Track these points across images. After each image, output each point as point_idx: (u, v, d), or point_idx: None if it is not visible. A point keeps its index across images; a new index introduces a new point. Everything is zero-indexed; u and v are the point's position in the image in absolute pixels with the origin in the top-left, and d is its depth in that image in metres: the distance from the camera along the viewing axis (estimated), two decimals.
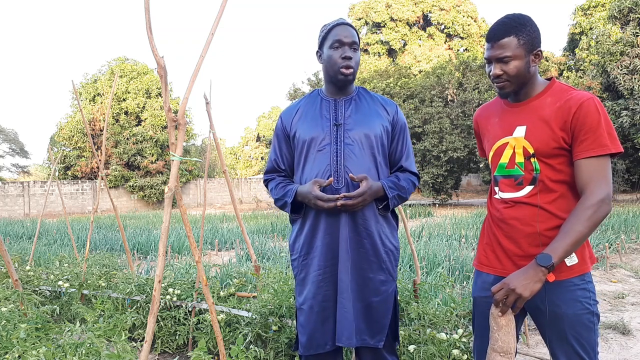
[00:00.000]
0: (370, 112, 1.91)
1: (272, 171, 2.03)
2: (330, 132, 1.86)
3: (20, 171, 36.82)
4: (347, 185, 1.83)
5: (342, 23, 1.85)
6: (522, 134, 1.55)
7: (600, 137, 1.44)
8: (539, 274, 1.38)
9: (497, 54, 1.52)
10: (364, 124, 1.87)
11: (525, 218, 1.55)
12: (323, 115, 1.90)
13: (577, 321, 1.49)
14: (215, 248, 8.91)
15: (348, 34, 1.83)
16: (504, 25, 1.53)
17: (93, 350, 1.91)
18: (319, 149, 1.86)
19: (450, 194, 20.39)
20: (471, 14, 34.09)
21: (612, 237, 7.74)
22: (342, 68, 1.82)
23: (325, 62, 1.87)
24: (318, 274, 1.85)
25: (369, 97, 1.97)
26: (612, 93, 16.82)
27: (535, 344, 3.38)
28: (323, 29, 1.88)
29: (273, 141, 2.03)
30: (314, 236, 1.87)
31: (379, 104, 1.95)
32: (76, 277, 4.07)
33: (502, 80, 1.54)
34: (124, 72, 29.36)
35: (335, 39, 1.82)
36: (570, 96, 1.49)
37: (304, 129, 1.90)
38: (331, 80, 1.89)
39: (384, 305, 1.87)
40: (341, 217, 1.82)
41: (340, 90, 1.91)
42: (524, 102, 1.59)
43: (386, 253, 1.89)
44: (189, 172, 29.41)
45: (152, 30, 1.64)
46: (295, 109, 1.98)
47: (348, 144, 1.84)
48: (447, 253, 5.98)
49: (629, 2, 16.52)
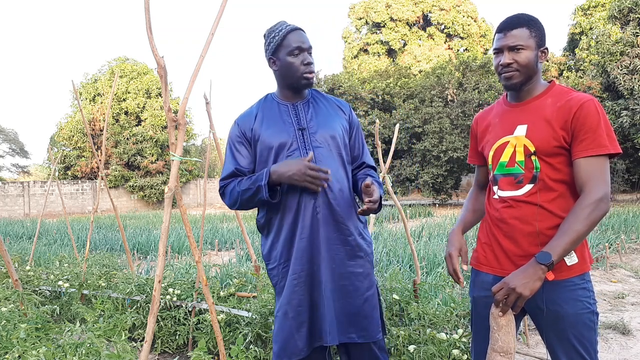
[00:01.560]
0: (329, 114, 1.93)
1: (230, 176, 1.90)
2: (296, 137, 1.85)
3: (20, 171, 36.82)
4: (324, 189, 1.80)
5: (296, 29, 1.84)
6: (523, 132, 1.56)
7: (600, 138, 1.46)
8: (539, 272, 1.39)
9: (509, 43, 1.54)
10: (326, 126, 1.88)
11: (525, 217, 1.55)
12: (285, 120, 1.88)
13: (578, 320, 1.50)
14: (215, 248, 8.91)
15: (305, 39, 1.84)
16: (516, 17, 1.57)
17: (93, 350, 1.91)
18: (288, 154, 1.84)
19: (450, 194, 20.39)
20: (471, 14, 34.09)
21: (612, 237, 7.74)
22: (305, 74, 1.83)
23: (285, 69, 1.85)
24: (293, 278, 1.82)
25: (323, 99, 1.98)
26: (612, 93, 16.82)
27: (535, 344, 3.38)
28: (274, 35, 1.84)
29: (228, 149, 1.95)
30: (291, 241, 1.83)
31: (335, 105, 1.97)
32: (76, 277, 4.07)
33: (511, 70, 1.55)
34: (124, 72, 29.36)
35: (295, 46, 1.81)
36: (571, 97, 1.52)
37: (269, 134, 1.86)
38: (290, 86, 1.89)
39: (373, 298, 1.88)
40: (319, 217, 1.81)
41: (297, 94, 1.92)
42: (525, 101, 1.61)
43: (367, 246, 1.91)
44: (189, 172, 29.41)
45: (152, 30, 1.65)
46: (252, 115, 1.93)
47: (316, 146, 1.84)
48: None
49: (629, 2, 16.52)
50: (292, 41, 1.82)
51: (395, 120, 19.30)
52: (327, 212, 1.81)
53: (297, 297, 1.81)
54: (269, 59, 1.89)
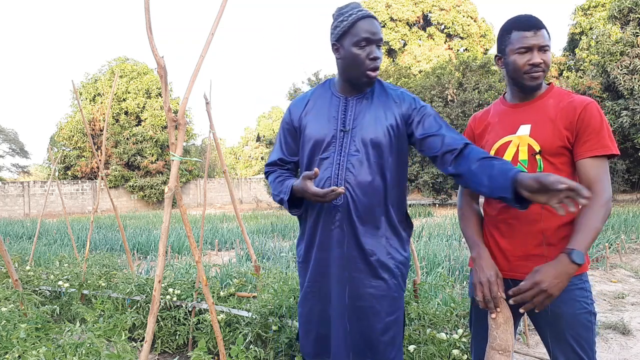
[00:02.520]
0: (379, 113, 1.71)
1: (273, 164, 1.88)
2: (336, 138, 1.71)
3: (20, 171, 36.82)
4: (347, 202, 1.67)
5: (367, 16, 1.63)
6: (527, 132, 1.57)
7: (603, 139, 1.49)
8: (570, 271, 1.38)
9: (540, 42, 1.53)
10: (369, 129, 1.68)
11: (526, 217, 1.55)
12: (331, 117, 1.73)
13: (576, 321, 1.50)
14: (215, 248, 8.91)
15: (376, 30, 1.62)
16: (536, 18, 1.56)
17: (93, 350, 1.91)
18: (323, 156, 1.72)
19: (450, 194, 20.38)
20: (471, 14, 34.08)
21: (612, 237, 7.73)
22: (369, 70, 1.65)
23: (348, 60, 1.66)
24: (307, 284, 1.77)
25: (383, 93, 1.76)
26: (612, 93, 16.81)
27: (535, 344, 3.38)
28: (343, 19, 1.64)
29: (278, 133, 1.89)
30: (310, 248, 1.77)
31: (391, 100, 1.74)
32: (76, 277, 4.07)
33: (540, 70, 1.54)
34: (124, 72, 29.37)
35: (362, 36, 1.61)
36: (573, 98, 1.55)
37: (311, 128, 1.75)
38: (350, 80, 1.71)
39: (394, 325, 1.71)
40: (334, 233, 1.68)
41: (356, 88, 1.74)
42: (527, 102, 1.62)
43: (397, 266, 1.73)
44: (189, 172, 29.43)
45: (152, 30, 1.65)
46: (304, 101, 1.82)
47: (352, 153, 1.68)
48: (447, 253, 5.98)
49: (629, 2, 16.52)
50: (361, 30, 1.61)
51: None
52: (348, 228, 1.67)
53: (308, 305, 1.78)
54: (333, 44, 1.71)
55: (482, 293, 1.53)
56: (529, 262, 1.54)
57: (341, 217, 1.67)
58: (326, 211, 1.69)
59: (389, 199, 1.71)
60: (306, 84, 23.91)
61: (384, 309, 1.68)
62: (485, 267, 1.57)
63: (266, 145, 30.02)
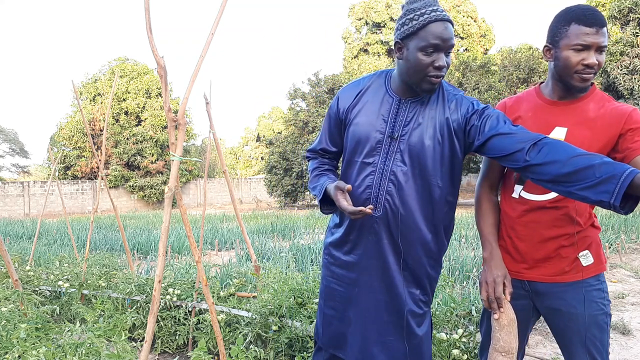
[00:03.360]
0: (432, 119, 1.56)
1: (315, 151, 1.82)
2: (382, 143, 1.58)
3: (20, 171, 36.81)
4: (387, 215, 1.56)
5: (442, 19, 1.44)
6: (562, 135, 1.47)
7: None
8: None
9: (600, 42, 1.38)
10: (419, 137, 1.54)
11: (546, 222, 1.51)
12: (381, 118, 1.59)
13: (592, 322, 1.48)
14: (215, 248, 8.91)
15: (448, 36, 1.44)
16: (600, 13, 1.41)
17: (93, 350, 1.91)
18: (366, 161, 1.60)
19: None
20: (471, 14, 34.08)
21: (612, 237, 7.73)
22: (431, 77, 1.48)
23: (410, 64, 1.50)
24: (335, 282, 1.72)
25: (440, 95, 1.59)
26: (612, 93, 16.82)
27: (535, 344, 3.38)
28: (413, 18, 1.46)
29: (325, 120, 1.77)
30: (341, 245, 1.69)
31: (447, 104, 1.57)
32: (76, 277, 4.07)
33: (593, 72, 1.40)
34: (124, 72, 29.38)
35: (431, 42, 1.44)
36: (615, 105, 1.46)
37: (358, 126, 1.62)
38: (409, 83, 1.55)
39: (427, 340, 1.64)
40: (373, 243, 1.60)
41: (412, 91, 1.59)
42: (566, 101, 1.50)
43: (429, 283, 1.66)
44: (189, 172, 29.43)
45: (152, 30, 1.65)
46: (356, 91, 1.68)
47: (397, 163, 1.55)
48: (447, 253, 5.98)
49: (629, 2, 16.53)
50: (431, 35, 1.43)
51: None
52: (386, 241, 1.59)
53: (332, 302, 1.73)
54: (396, 42, 1.54)
55: (486, 292, 1.50)
56: (548, 263, 1.52)
57: (379, 228, 1.58)
58: (364, 219, 1.59)
59: (436, 214, 1.58)
60: (306, 84, 23.91)
61: (417, 323, 1.62)
62: (494, 267, 1.52)
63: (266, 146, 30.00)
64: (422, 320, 1.63)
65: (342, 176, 1.71)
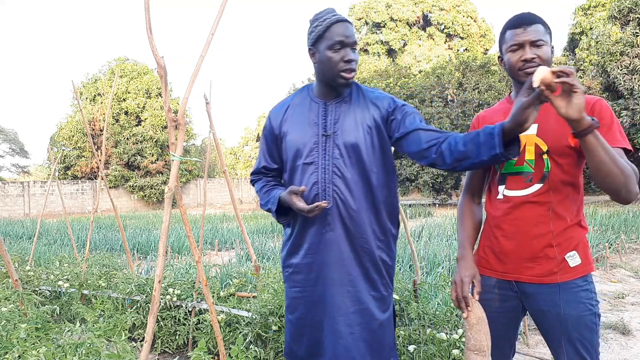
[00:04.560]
0: (358, 116, 1.74)
1: (258, 172, 1.93)
2: (318, 143, 1.73)
3: (20, 171, 36.82)
4: (337, 205, 1.69)
5: (341, 20, 1.67)
6: (534, 131, 1.54)
7: (614, 134, 1.45)
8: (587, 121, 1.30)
9: (531, 37, 1.50)
10: (350, 132, 1.72)
11: (531, 218, 1.53)
12: (312, 122, 1.76)
13: (580, 322, 1.49)
14: (215, 248, 8.92)
15: (349, 33, 1.66)
16: (529, 14, 1.54)
17: (93, 350, 1.91)
18: (306, 161, 1.74)
19: (450, 194, 20.38)
20: (471, 14, 34.10)
21: (612, 237, 7.73)
22: (344, 72, 1.67)
23: (323, 64, 1.69)
24: (294, 289, 1.78)
25: (361, 96, 1.79)
26: (612, 93, 16.81)
27: (535, 344, 3.38)
28: (317, 24, 1.69)
29: (261, 141, 1.92)
30: (296, 252, 1.78)
31: (370, 103, 1.77)
32: (76, 277, 4.08)
33: (534, 65, 1.49)
34: (124, 72, 29.39)
35: (336, 39, 1.64)
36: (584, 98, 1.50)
37: (293, 135, 1.78)
38: (327, 83, 1.74)
39: (388, 323, 1.75)
40: (327, 236, 1.70)
41: (334, 91, 1.76)
42: None
43: (387, 266, 1.77)
44: (189, 172, 29.43)
45: (152, 30, 1.65)
46: (283, 108, 1.85)
47: (336, 157, 1.71)
48: (447, 253, 5.98)
49: (629, 2, 16.52)
50: (335, 34, 1.65)
51: None
52: (339, 230, 1.70)
53: (299, 310, 1.78)
54: (309, 49, 1.74)
55: (455, 292, 1.58)
56: (535, 263, 1.53)
57: (332, 220, 1.70)
58: (317, 215, 1.69)
59: (377, 199, 1.74)
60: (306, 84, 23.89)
61: (377, 307, 1.72)
62: (462, 268, 1.60)
63: None
64: (383, 305, 1.74)
65: (288, 182, 1.82)
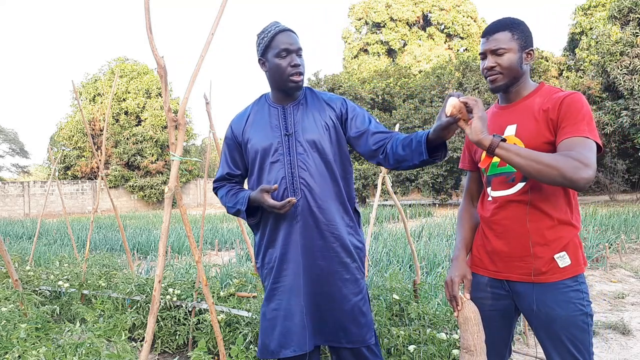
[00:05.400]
0: (316, 116, 1.88)
1: (222, 179, 2.01)
2: (282, 142, 1.85)
3: (20, 171, 36.82)
4: (305, 196, 1.81)
5: (284, 29, 1.82)
6: (513, 132, 1.58)
7: (578, 125, 1.43)
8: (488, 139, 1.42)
9: (491, 47, 1.57)
10: (310, 130, 1.85)
11: (517, 217, 1.55)
12: (273, 125, 1.88)
13: (571, 323, 1.50)
14: (215, 248, 8.92)
15: (293, 41, 1.81)
16: (499, 22, 1.61)
17: (93, 350, 1.91)
18: (272, 160, 1.85)
19: (450, 194, 20.39)
20: (471, 14, 34.10)
21: (612, 237, 7.73)
22: (292, 76, 1.81)
23: (273, 71, 1.83)
24: (272, 283, 1.86)
25: (315, 98, 1.94)
26: (612, 93, 16.81)
27: (535, 344, 3.38)
28: (263, 36, 1.83)
29: (223, 149, 2.03)
30: (272, 247, 1.87)
31: (324, 104, 1.92)
32: (76, 277, 4.08)
33: (495, 73, 1.58)
34: (124, 72, 29.39)
35: (282, 47, 1.79)
36: (557, 94, 1.54)
37: (256, 139, 1.88)
38: (280, 88, 1.87)
39: (361, 303, 1.85)
40: (298, 226, 1.81)
41: (288, 96, 1.89)
42: (514, 102, 1.63)
43: (357, 250, 1.89)
44: (189, 172, 29.43)
45: (152, 30, 1.65)
46: (244, 117, 1.96)
47: (300, 152, 1.83)
48: (447, 253, 5.98)
49: (629, 2, 16.52)
50: (280, 42, 1.80)
51: (395, 120, 19.30)
52: (309, 219, 1.81)
53: (274, 301, 1.85)
54: (259, 59, 1.89)
55: (446, 292, 1.63)
56: (524, 262, 1.55)
57: (302, 211, 1.81)
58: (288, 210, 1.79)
59: (341, 188, 1.88)
60: (306, 84, 23.92)
61: (350, 290, 1.83)
62: (453, 268, 1.66)
63: None
64: (356, 288, 1.85)
65: (256, 182, 1.91)
